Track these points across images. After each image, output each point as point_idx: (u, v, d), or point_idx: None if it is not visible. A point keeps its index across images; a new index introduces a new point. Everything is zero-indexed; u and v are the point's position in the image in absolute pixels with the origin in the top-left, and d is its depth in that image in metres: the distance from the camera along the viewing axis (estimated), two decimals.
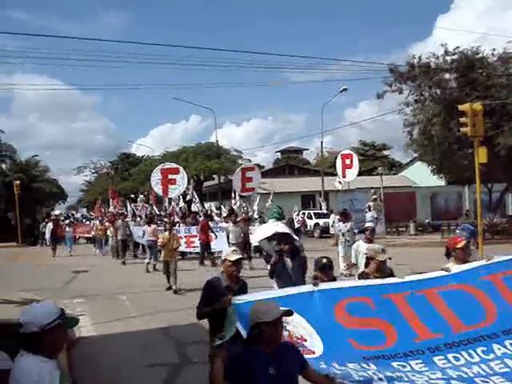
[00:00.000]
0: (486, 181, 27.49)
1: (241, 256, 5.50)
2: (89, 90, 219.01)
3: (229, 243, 17.57)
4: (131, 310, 12.40)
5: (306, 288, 4.81)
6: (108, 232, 26.83)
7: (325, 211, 36.33)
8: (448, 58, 27.06)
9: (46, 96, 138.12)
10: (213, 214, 27.97)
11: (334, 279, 6.11)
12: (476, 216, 20.24)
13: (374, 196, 33.71)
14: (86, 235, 34.90)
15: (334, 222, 27.29)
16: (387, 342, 4.39)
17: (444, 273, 5.17)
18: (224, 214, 27.19)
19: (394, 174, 56.88)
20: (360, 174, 27.70)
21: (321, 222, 34.70)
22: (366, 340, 4.35)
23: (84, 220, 48.98)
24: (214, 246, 21.29)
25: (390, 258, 6.13)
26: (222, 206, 30.81)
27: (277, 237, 7.63)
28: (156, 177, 19.62)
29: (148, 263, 19.36)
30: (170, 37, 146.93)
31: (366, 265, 6.22)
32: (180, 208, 27.63)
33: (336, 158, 27.56)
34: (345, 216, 17.77)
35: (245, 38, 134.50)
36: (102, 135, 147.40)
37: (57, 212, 53.88)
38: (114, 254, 25.23)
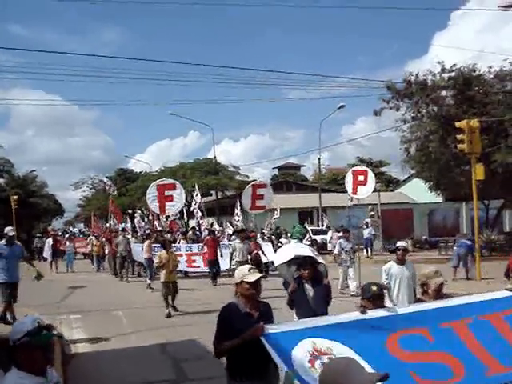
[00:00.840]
0: (483, 197, 27.53)
1: (262, 274, 4.54)
2: (87, 106, 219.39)
3: (231, 260, 16.94)
4: (128, 326, 12.34)
5: (352, 316, 4.34)
6: (106, 249, 26.31)
7: (324, 227, 36.33)
8: (445, 76, 27.20)
9: (44, 111, 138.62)
10: (216, 230, 27.34)
11: None
12: (473, 233, 20.24)
13: (372, 213, 33.73)
14: (83, 250, 34.63)
15: (331, 238, 27.29)
16: (455, 377, 3.84)
17: (509, 293, 4.67)
18: (229, 231, 27.36)
19: (392, 190, 56.91)
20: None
21: (318, 238, 34.65)
22: (430, 374, 3.80)
23: (81, 235, 48.85)
24: (221, 265, 20.48)
25: (445, 281, 5.38)
26: (228, 223, 30.72)
27: (297, 261, 6.71)
28: (152, 193, 17.80)
29: (149, 283, 18.69)
30: (168, 53, 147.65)
31: (423, 292, 5.38)
32: (183, 223, 27.14)
33: (334, 173, 27.79)
34: (348, 233, 17.60)
35: (243, 55, 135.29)
36: (99, 151, 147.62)
37: (54, 227, 53.85)
38: (112, 270, 24.72)
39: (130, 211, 36.30)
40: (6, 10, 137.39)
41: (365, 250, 30.46)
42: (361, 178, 19.04)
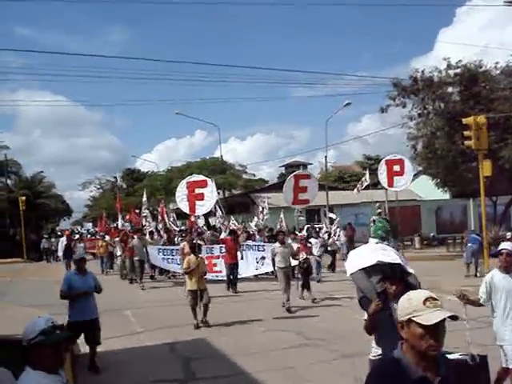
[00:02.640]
0: (490, 194, 27.43)
1: (449, 314, 2.61)
2: (94, 106, 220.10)
3: (274, 266, 14.51)
4: (136, 326, 12.39)
5: None
6: (117, 250, 24.20)
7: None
8: (451, 72, 27.13)
9: (51, 112, 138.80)
10: (251, 230, 25.66)
11: None
12: (481, 229, 20.17)
13: (379, 210, 33.59)
14: (92, 250, 33.64)
15: (339, 236, 27.19)
16: None
17: None
18: (253, 231, 25.62)
19: None
20: (365, 187, 27.58)
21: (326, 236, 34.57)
22: None
23: (89, 235, 48.96)
24: (240, 270, 18.63)
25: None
26: (250, 222, 29.64)
27: (380, 269, 5.01)
28: (181, 192, 15.74)
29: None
30: (174, 52, 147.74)
31: None
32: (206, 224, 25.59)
33: (341, 171, 27.62)
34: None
35: (248, 54, 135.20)
36: (106, 151, 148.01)
37: (62, 227, 54.00)
38: (121, 275, 22.86)
39: (137, 211, 36.19)
40: (12, 12, 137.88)
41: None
42: (396, 168, 18.01)
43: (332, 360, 8.79)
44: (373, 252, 5.34)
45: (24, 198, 41.23)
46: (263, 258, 18.95)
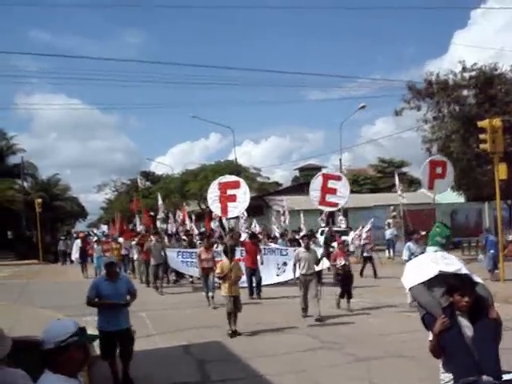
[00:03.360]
0: (506, 197, 27.27)
1: None
2: (109, 109, 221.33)
3: (294, 272, 13.49)
4: (151, 328, 12.44)
5: None
6: (134, 253, 23.39)
7: (344, 228, 36.21)
8: (466, 75, 27.02)
9: (66, 115, 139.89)
10: (273, 233, 24.63)
11: None
12: (496, 233, 20.04)
13: (394, 213, 33.57)
14: (109, 253, 32.08)
15: (353, 239, 27.06)
16: None
17: None
18: (276, 233, 24.46)
19: (414, 190, 56.53)
20: (379, 190, 27.54)
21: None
22: None
23: (104, 238, 49.06)
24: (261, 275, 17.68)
25: None
26: (273, 225, 28.58)
27: (444, 280, 4.27)
28: (213, 193, 15.03)
29: (209, 296, 15.54)
30: (189, 56, 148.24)
31: None
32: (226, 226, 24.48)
33: (355, 174, 27.52)
34: (418, 234, 14.77)
35: (264, 57, 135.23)
36: (121, 154, 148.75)
37: (78, 229, 54.32)
38: (141, 279, 21.75)
39: (152, 213, 36.37)
40: (27, 16, 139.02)
41: (387, 251, 30.37)
42: (438, 170, 16.84)
43: (347, 364, 8.79)
44: (433, 262, 4.58)
45: (40, 200, 41.61)
46: (285, 263, 18.26)
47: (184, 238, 24.08)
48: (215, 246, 19.87)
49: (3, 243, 44.46)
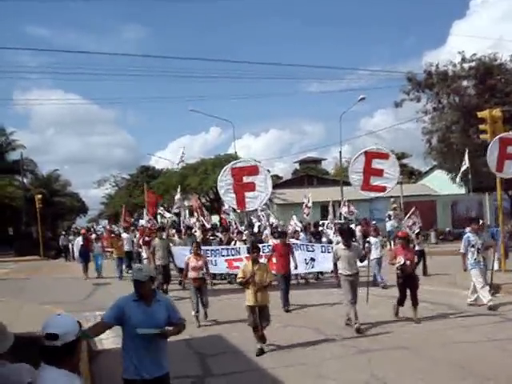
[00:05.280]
0: (506, 188, 27.22)
1: None
2: (108, 104, 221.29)
3: (336, 272, 11.31)
4: None
5: None
6: (143, 252, 20.71)
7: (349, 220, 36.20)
8: (465, 65, 26.98)
9: (65, 111, 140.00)
10: (324, 229, 22.20)
11: None
12: (498, 224, 20.00)
13: (394, 205, 33.51)
14: (110, 249, 27.29)
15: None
16: None
17: None
18: (297, 228, 20.86)
19: (414, 182, 56.54)
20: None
21: None
22: None
23: (104, 234, 48.72)
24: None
25: None
26: (294, 217, 25.73)
27: None
28: (225, 181, 12.01)
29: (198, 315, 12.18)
30: (188, 49, 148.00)
31: None
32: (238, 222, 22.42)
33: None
34: (478, 223, 13.02)
35: (263, 49, 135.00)
36: (121, 149, 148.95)
37: (78, 225, 54.28)
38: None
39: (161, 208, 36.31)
40: (27, 11, 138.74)
41: (388, 243, 30.36)
42: (510, 149, 14.74)
43: (348, 356, 8.78)
44: None
45: (40, 196, 41.58)
46: (312, 259, 16.85)
47: (193, 233, 20.96)
48: (232, 243, 18.44)
49: (3, 239, 44.48)
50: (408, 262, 11.26)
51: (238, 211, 19.53)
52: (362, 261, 11.34)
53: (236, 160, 14.19)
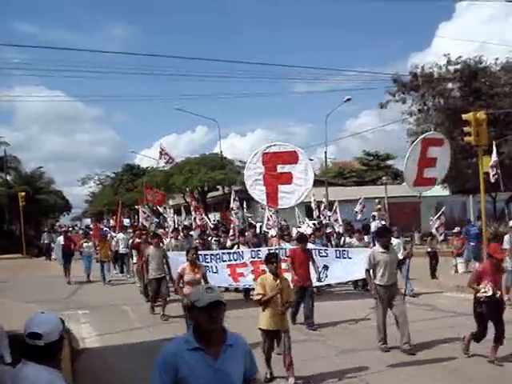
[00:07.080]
0: (490, 190, 27.44)
1: None
2: (93, 102, 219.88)
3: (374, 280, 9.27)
4: (135, 321, 12.37)
5: None
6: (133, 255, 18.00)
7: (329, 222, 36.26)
8: (451, 68, 27.17)
9: (49, 108, 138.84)
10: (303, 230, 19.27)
11: None
12: (481, 225, 20.14)
13: (379, 206, 33.66)
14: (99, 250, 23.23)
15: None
16: None
17: None
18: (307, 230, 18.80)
19: (399, 183, 56.80)
20: (364, 183, 27.57)
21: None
22: None
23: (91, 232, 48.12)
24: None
25: None
26: (306, 218, 23.99)
27: None
28: (254, 169, 8.76)
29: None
30: (173, 48, 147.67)
31: None
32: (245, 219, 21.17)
33: (340, 167, 27.30)
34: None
35: (249, 49, 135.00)
36: (105, 147, 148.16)
37: (62, 223, 53.80)
38: (141, 285, 16.05)
39: (136, 207, 36.14)
40: (12, 7, 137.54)
41: (372, 244, 30.42)
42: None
43: (331, 356, 8.78)
44: None
45: (23, 193, 41.10)
46: (326, 267, 13.99)
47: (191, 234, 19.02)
48: (235, 247, 15.72)
49: None
50: (498, 294, 8.15)
51: (265, 209, 18.33)
52: (397, 268, 9.92)
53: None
